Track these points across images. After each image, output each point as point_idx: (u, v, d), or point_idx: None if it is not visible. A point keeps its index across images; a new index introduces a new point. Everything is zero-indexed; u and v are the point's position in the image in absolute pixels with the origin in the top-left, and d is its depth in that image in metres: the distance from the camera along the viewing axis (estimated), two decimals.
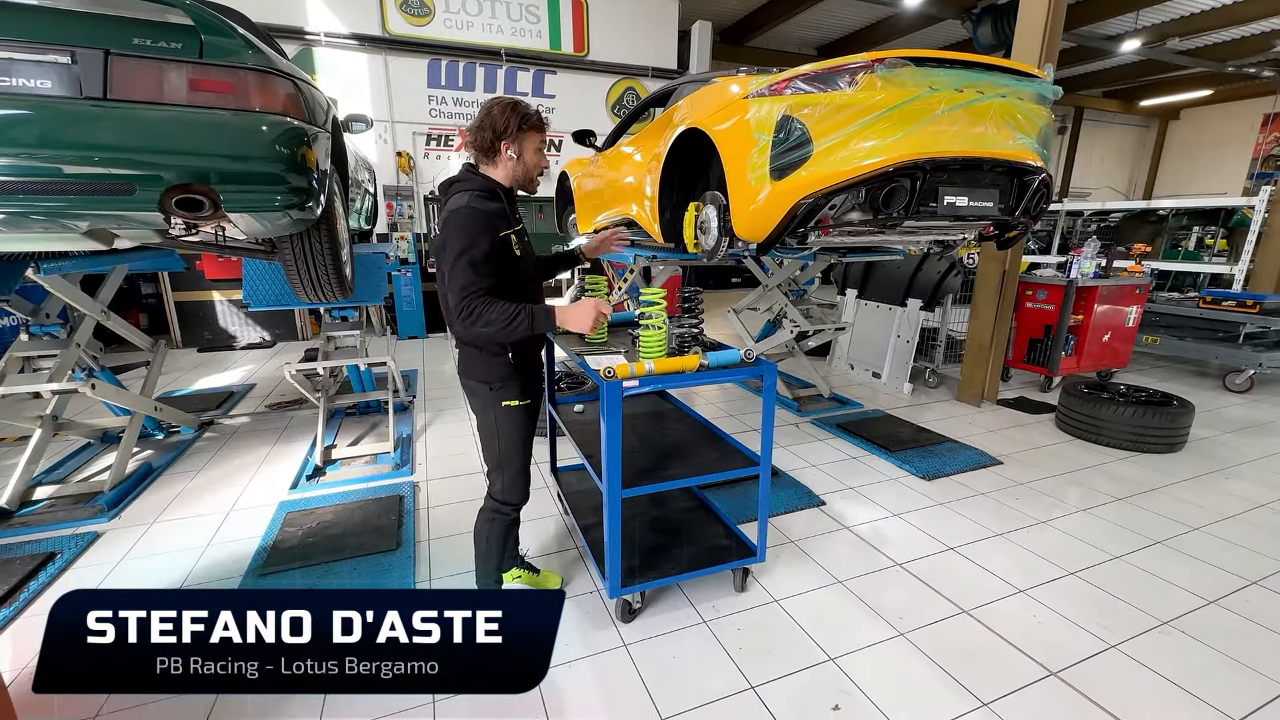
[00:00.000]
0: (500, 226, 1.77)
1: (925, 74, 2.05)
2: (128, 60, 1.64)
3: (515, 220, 1.88)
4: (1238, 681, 1.87)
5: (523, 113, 1.79)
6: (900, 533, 2.74)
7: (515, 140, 1.79)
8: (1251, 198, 6.43)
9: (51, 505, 2.91)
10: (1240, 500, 3.10)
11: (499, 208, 1.79)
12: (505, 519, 1.99)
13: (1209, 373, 5.74)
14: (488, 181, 1.83)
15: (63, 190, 1.64)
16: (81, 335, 3.15)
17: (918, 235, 2.63)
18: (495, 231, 1.74)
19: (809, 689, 1.82)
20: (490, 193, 1.80)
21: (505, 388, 1.88)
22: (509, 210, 1.84)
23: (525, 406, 1.93)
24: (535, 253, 2.03)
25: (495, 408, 1.90)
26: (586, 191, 4.04)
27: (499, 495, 1.97)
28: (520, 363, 1.90)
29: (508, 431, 1.91)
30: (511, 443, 1.93)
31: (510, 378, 1.88)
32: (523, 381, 1.92)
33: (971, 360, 4.69)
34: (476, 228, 1.71)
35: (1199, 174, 14.30)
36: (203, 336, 6.85)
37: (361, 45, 6.99)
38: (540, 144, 1.88)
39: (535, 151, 1.87)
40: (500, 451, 1.93)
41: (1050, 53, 3.99)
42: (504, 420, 1.90)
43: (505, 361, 1.87)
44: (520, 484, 1.98)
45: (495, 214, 1.77)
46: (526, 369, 1.94)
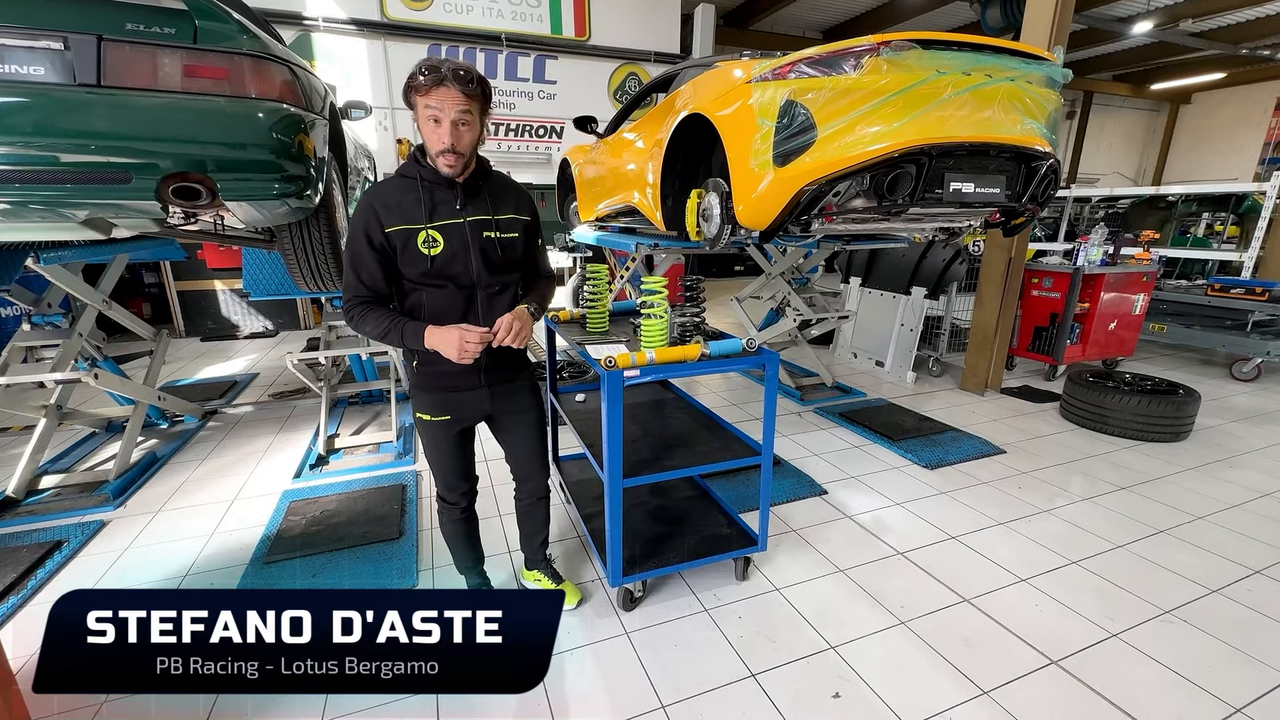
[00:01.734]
0: (394, 220, 1.53)
1: (932, 57, 2.01)
2: (121, 46, 1.62)
3: (460, 211, 1.59)
4: (1239, 670, 1.87)
5: (412, 72, 1.46)
6: (902, 522, 2.74)
7: (413, 108, 1.50)
8: (1263, 183, 6.33)
9: (57, 494, 2.93)
10: (1244, 489, 3.08)
11: (408, 197, 1.56)
12: (448, 514, 1.94)
13: (1216, 361, 5.70)
14: (413, 165, 1.59)
15: (59, 179, 1.63)
16: (84, 325, 3.15)
17: (923, 222, 2.59)
18: (382, 225, 1.53)
19: (810, 677, 1.83)
20: (406, 177, 1.59)
21: (417, 398, 1.76)
22: (431, 200, 1.57)
23: (441, 424, 1.75)
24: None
25: (413, 414, 1.81)
26: (588, 179, 4.00)
27: (437, 489, 1.93)
28: (427, 374, 1.70)
29: (425, 441, 1.82)
30: (430, 452, 1.83)
31: (419, 389, 1.75)
32: (434, 395, 1.73)
33: (976, 349, 4.66)
34: (357, 222, 1.55)
35: (1210, 159, 14.08)
36: (206, 326, 6.87)
37: (360, 30, 6.90)
38: (429, 110, 1.46)
39: (426, 122, 1.48)
40: (426, 455, 1.86)
41: (1060, 35, 3.91)
42: (420, 430, 1.80)
43: (414, 370, 1.73)
44: (449, 488, 1.89)
45: (395, 204, 1.55)
46: (440, 381, 1.71)
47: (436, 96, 1.45)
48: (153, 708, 1.73)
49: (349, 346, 3.70)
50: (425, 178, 1.58)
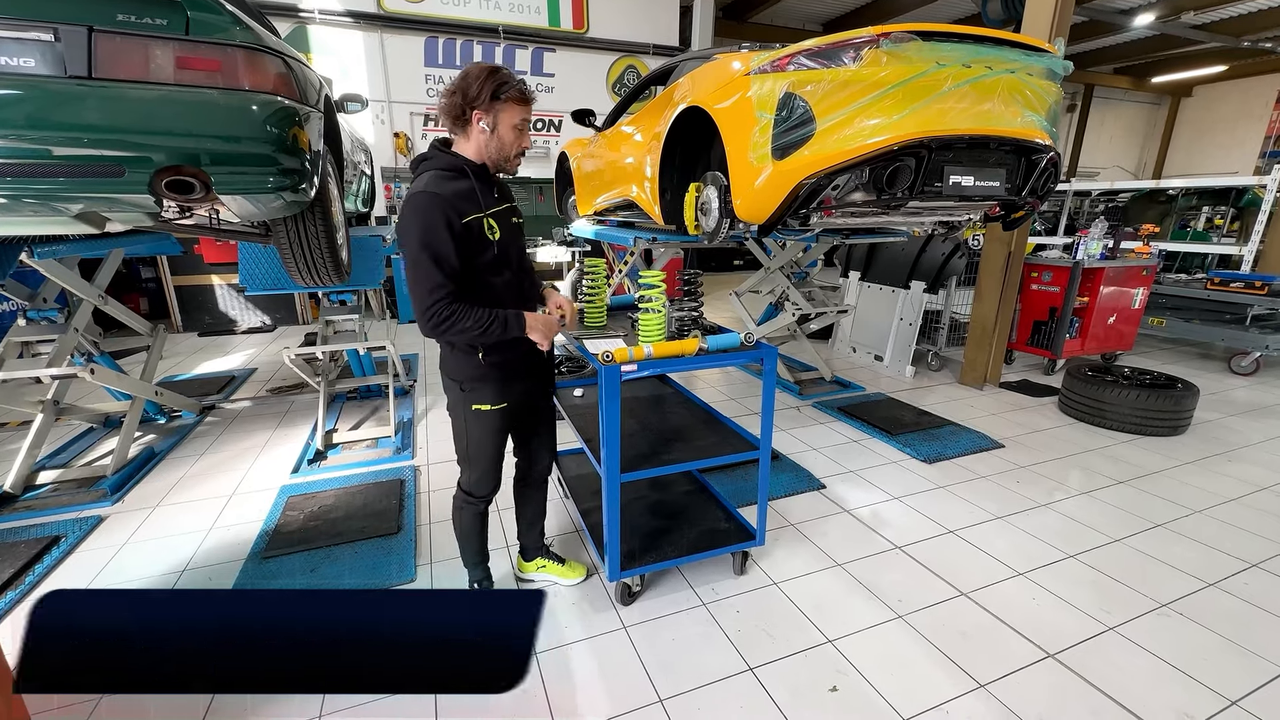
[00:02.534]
0: (466, 209, 1.60)
1: (932, 49, 2.00)
2: (112, 37, 1.60)
3: (497, 201, 1.71)
4: (1235, 663, 1.88)
5: (500, 80, 1.59)
6: (900, 516, 2.75)
7: (489, 111, 1.60)
8: (1264, 177, 6.31)
9: (55, 490, 2.93)
10: (1242, 483, 3.09)
11: (465, 188, 1.62)
12: (474, 509, 1.97)
13: (1214, 355, 5.70)
14: (454, 159, 1.66)
15: (51, 173, 1.61)
16: (79, 320, 3.14)
17: (922, 216, 2.58)
18: (460, 215, 1.58)
19: (807, 670, 1.84)
20: (455, 171, 1.64)
21: (476, 390, 1.79)
22: (481, 190, 1.66)
23: (499, 411, 1.82)
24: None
25: (465, 409, 1.81)
26: (586, 172, 3.98)
27: (465, 486, 1.95)
28: (496, 363, 1.77)
29: (475, 434, 1.84)
30: (479, 444, 1.86)
31: (482, 380, 1.78)
32: (499, 385, 1.80)
33: (975, 343, 4.65)
34: (433, 214, 1.54)
35: (1211, 153, 14.04)
36: (203, 321, 6.85)
37: (356, 22, 6.86)
38: (520, 120, 1.65)
39: (513, 128, 1.65)
40: (468, 449, 1.88)
41: (1061, 27, 3.88)
42: (473, 423, 1.83)
43: (476, 363, 1.76)
44: (487, 480, 1.92)
45: (459, 195, 1.60)
46: (505, 370, 1.80)
47: (529, 110, 1.69)
48: (150, 704, 1.73)
49: (346, 342, 3.69)
50: (473, 171, 1.67)
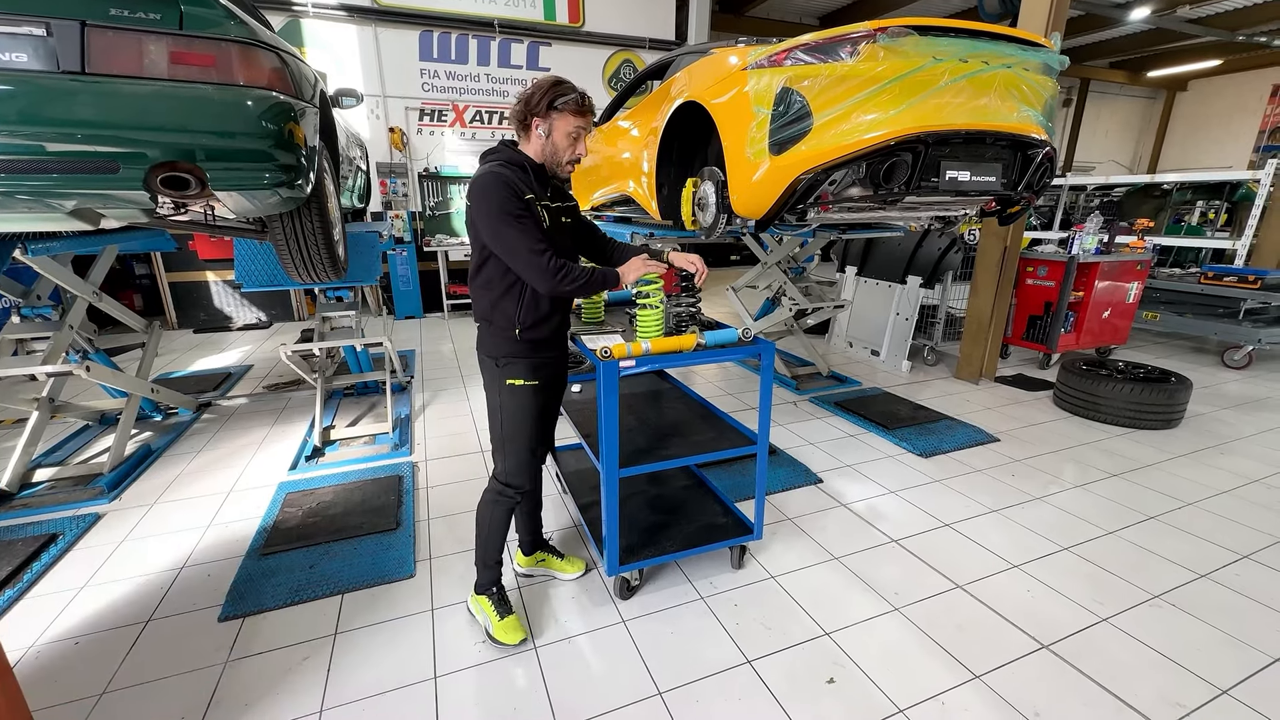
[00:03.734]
0: (525, 190, 1.70)
1: (929, 43, 2.00)
2: (105, 32, 1.59)
3: (551, 199, 1.81)
4: (1226, 653, 1.90)
5: (559, 93, 1.72)
6: (897, 509, 2.77)
7: (545, 119, 1.73)
8: (1257, 171, 6.34)
9: (52, 487, 2.92)
10: (1234, 476, 3.12)
11: (521, 179, 1.72)
12: (508, 502, 1.94)
13: (1208, 349, 5.74)
14: (517, 154, 1.77)
15: (45, 169, 1.60)
16: (74, 317, 3.12)
17: (919, 211, 2.59)
18: (521, 193, 1.68)
19: (804, 663, 1.85)
20: (517, 165, 1.74)
21: (511, 365, 1.83)
22: (538, 184, 1.77)
23: (533, 388, 1.85)
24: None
25: (499, 385, 1.84)
26: (583, 168, 3.97)
27: (501, 477, 1.94)
28: (532, 340, 1.83)
29: (510, 411, 1.86)
30: (515, 424, 1.87)
31: (517, 355, 1.82)
32: (534, 361, 1.85)
33: (971, 338, 4.67)
34: (504, 189, 1.66)
35: (1206, 146, 14.07)
36: (198, 317, 6.81)
37: (351, 16, 6.79)
38: (574, 129, 1.75)
39: (565, 135, 1.75)
40: (503, 431, 1.88)
41: (1058, 21, 3.88)
42: (507, 399, 1.85)
43: (512, 337, 1.81)
44: (524, 468, 1.92)
45: (519, 179, 1.71)
46: (541, 347, 1.86)
47: (585, 121, 1.76)
48: (148, 703, 1.74)
49: (343, 338, 3.68)
50: (532, 168, 1.78)
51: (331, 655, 1.89)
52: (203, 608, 2.11)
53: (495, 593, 2.01)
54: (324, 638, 1.96)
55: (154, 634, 1.98)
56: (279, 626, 2.01)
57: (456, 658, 1.88)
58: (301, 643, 1.94)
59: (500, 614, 1.97)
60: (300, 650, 1.91)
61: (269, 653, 1.90)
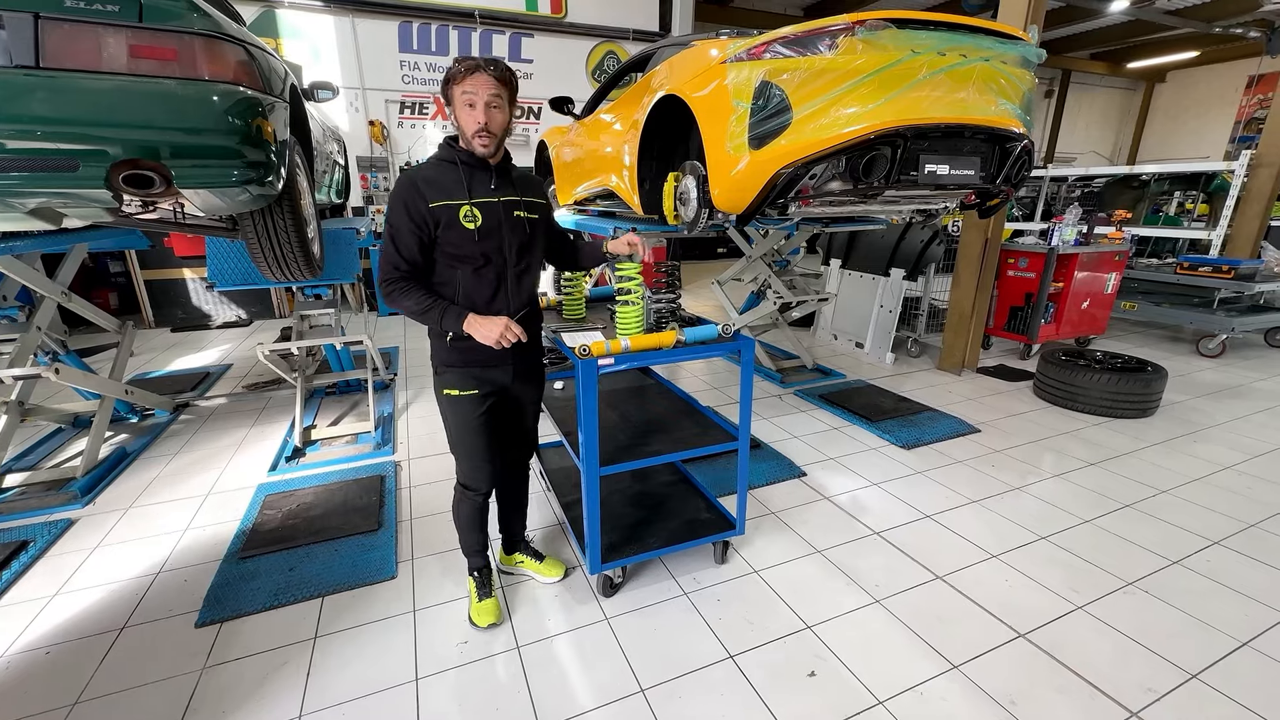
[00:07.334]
0: (437, 195, 1.62)
1: (908, 36, 1.99)
2: (60, 24, 1.54)
3: (494, 191, 1.70)
4: (1196, 638, 1.95)
5: (450, 70, 1.62)
6: (879, 502, 2.79)
7: (449, 100, 1.63)
8: (1231, 162, 6.44)
9: (22, 493, 2.85)
10: (1207, 463, 3.19)
11: (450, 176, 1.65)
12: (471, 502, 1.95)
13: (1183, 338, 5.85)
14: (449, 150, 1.70)
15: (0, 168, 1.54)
16: (42, 318, 3.04)
17: (899, 205, 2.59)
18: (426, 200, 1.61)
19: (786, 656, 1.87)
20: (448, 161, 1.68)
21: (446, 374, 1.80)
22: (472, 179, 1.67)
23: (471, 399, 1.80)
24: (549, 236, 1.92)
25: (438, 393, 1.83)
26: (565, 161, 3.93)
27: (459, 477, 1.95)
28: (463, 350, 1.75)
29: (450, 420, 1.84)
30: (458, 432, 1.85)
31: (450, 364, 1.78)
32: (472, 372, 1.79)
33: (953, 329, 4.72)
34: (398, 196, 1.63)
35: (1184, 137, 14.29)
36: (176, 316, 6.67)
37: (327, 6, 6.66)
38: (463, 96, 1.58)
39: (461, 106, 1.60)
40: (451, 438, 1.88)
41: (1037, 13, 3.90)
42: (445, 408, 1.84)
43: (444, 346, 1.77)
44: (478, 473, 1.91)
45: (437, 182, 1.64)
46: (470, 356, 1.76)
47: (471, 82, 1.57)
48: (122, 713, 1.70)
49: (323, 336, 3.62)
50: (463, 160, 1.68)
51: (311, 659, 1.87)
52: (179, 613, 2.07)
53: (478, 576, 2.06)
54: (304, 641, 1.94)
55: (128, 642, 1.95)
56: (258, 631, 1.99)
57: (439, 659, 1.87)
58: (281, 647, 1.92)
59: (480, 595, 2.02)
60: (279, 655, 1.89)
61: (247, 658, 1.88)
